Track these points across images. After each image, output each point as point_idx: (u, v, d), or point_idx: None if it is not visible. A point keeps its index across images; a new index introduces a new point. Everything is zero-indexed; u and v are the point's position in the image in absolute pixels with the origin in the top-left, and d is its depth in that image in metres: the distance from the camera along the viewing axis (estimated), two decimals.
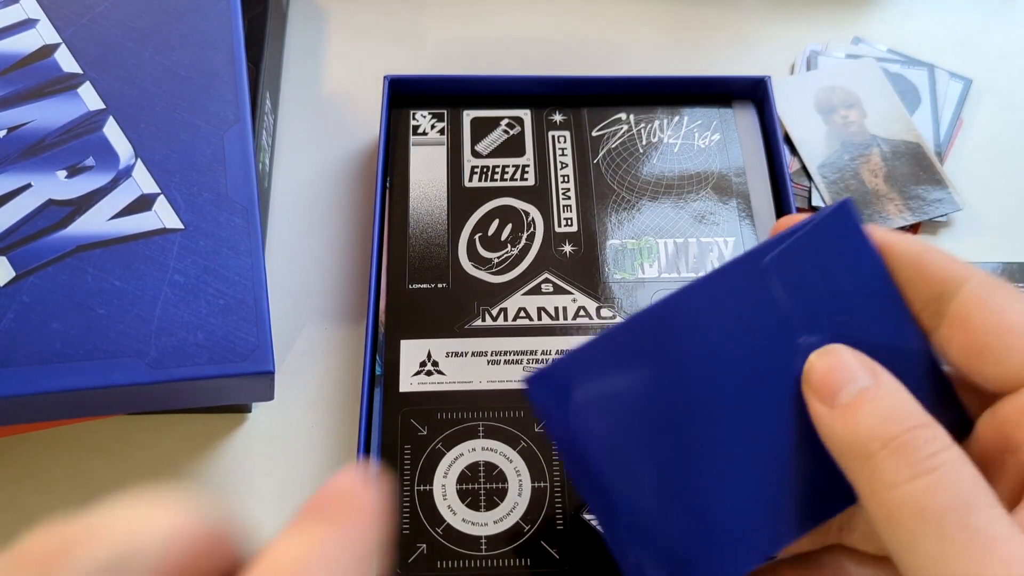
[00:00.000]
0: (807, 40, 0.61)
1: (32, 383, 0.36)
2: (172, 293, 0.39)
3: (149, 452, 0.46)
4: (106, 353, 0.37)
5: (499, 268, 0.48)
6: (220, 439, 0.46)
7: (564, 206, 0.50)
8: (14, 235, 0.39)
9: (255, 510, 0.45)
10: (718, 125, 0.53)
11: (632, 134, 0.53)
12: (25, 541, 0.13)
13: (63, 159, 0.40)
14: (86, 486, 0.45)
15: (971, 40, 0.62)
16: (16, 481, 0.45)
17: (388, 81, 0.52)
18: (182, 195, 0.41)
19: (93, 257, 0.39)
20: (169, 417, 0.47)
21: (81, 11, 0.43)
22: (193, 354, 0.38)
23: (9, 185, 0.39)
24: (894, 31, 0.62)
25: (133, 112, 0.42)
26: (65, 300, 0.38)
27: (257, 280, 0.40)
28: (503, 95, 0.54)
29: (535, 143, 0.52)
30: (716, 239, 0.49)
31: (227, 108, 0.43)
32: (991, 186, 0.56)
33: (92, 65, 0.42)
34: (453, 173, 0.51)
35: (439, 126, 0.52)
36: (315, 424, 0.47)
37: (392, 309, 0.47)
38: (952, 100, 0.59)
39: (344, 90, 0.58)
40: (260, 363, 0.38)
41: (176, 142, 0.42)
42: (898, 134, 0.56)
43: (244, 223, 0.41)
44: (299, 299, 0.51)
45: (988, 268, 0.52)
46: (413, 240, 0.49)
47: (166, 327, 0.38)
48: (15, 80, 0.41)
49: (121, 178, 0.40)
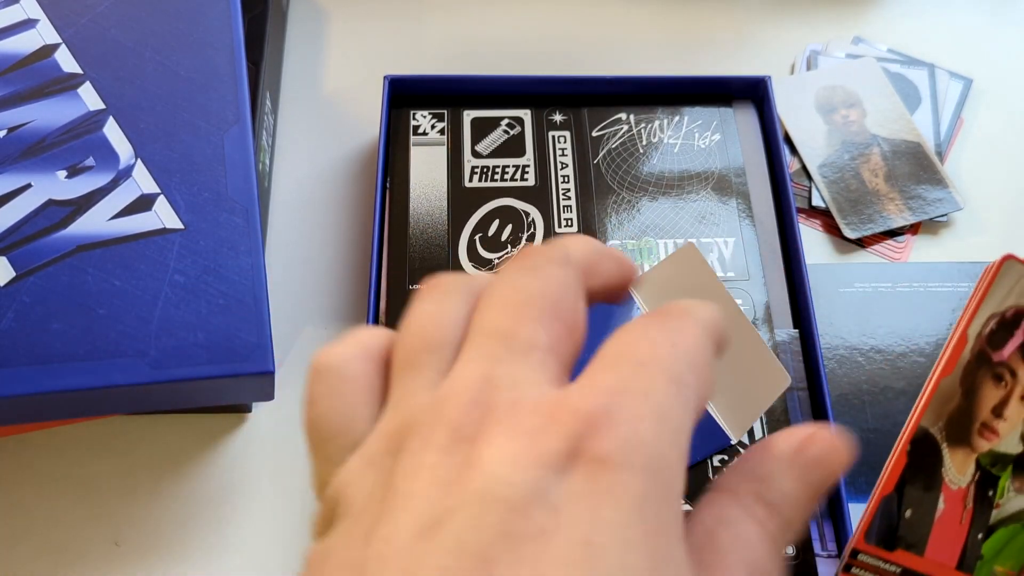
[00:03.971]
0: (807, 40, 0.61)
1: (32, 383, 0.36)
2: (172, 293, 0.39)
3: (149, 452, 0.46)
4: (106, 353, 0.37)
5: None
6: (220, 439, 0.46)
7: (564, 206, 0.50)
8: (14, 235, 0.39)
9: (255, 510, 0.45)
10: (718, 125, 0.53)
11: (632, 134, 0.53)
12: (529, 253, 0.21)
13: (63, 159, 0.40)
14: (86, 486, 0.45)
15: (971, 40, 0.62)
16: (16, 481, 0.45)
17: (388, 81, 0.52)
18: (182, 195, 0.41)
19: (93, 257, 0.39)
20: (169, 417, 0.47)
21: (81, 11, 0.43)
22: (193, 354, 0.38)
23: (9, 185, 0.39)
24: (894, 31, 0.62)
25: (133, 112, 0.42)
26: (65, 300, 0.38)
27: (257, 280, 0.40)
28: (503, 95, 0.54)
29: (535, 143, 0.52)
30: (716, 239, 0.49)
31: (227, 108, 0.43)
32: (991, 186, 0.56)
33: (92, 65, 0.42)
34: (453, 173, 0.51)
35: (439, 126, 0.52)
36: None
37: (392, 309, 0.46)
38: (952, 100, 0.58)
39: (344, 90, 0.58)
40: (260, 363, 0.38)
41: (176, 142, 0.42)
42: (898, 134, 0.56)
43: (244, 223, 0.41)
44: (299, 299, 0.51)
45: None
46: (413, 240, 0.49)
47: (166, 327, 0.38)
48: (15, 80, 0.41)
49: (121, 178, 0.40)
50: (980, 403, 0.25)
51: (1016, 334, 0.25)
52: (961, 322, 0.25)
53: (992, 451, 0.25)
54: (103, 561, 0.43)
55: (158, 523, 0.44)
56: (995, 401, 0.25)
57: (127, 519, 0.44)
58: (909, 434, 0.25)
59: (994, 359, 0.25)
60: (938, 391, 0.25)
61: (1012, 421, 0.25)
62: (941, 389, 0.25)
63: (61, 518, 0.44)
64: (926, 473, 0.25)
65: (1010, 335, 0.25)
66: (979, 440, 0.25)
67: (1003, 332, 0.25)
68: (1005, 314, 0.25)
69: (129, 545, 0.44)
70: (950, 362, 0.25)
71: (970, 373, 0.25)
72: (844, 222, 0.53)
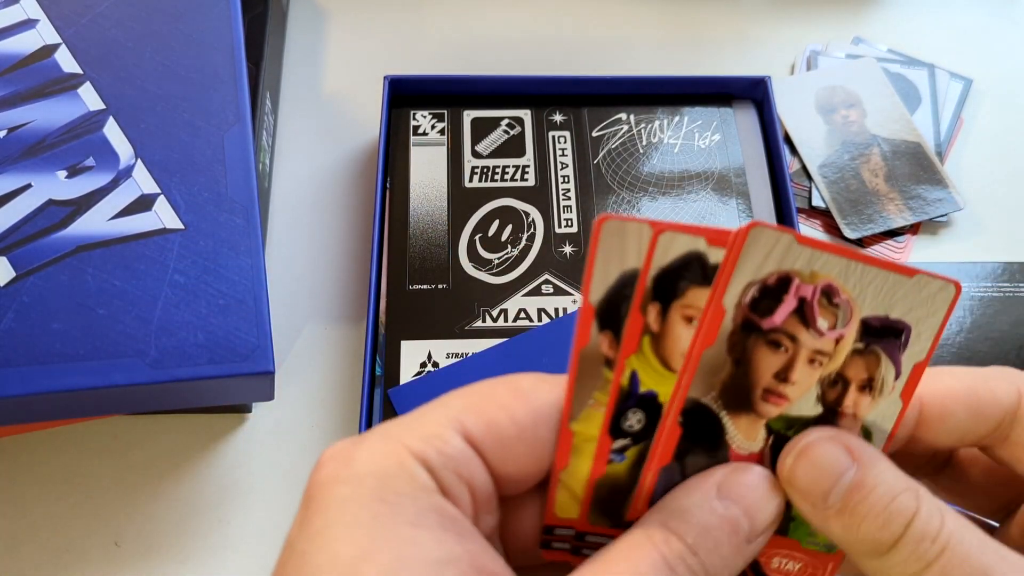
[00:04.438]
0: (807, 40, 0.61)
1: (32, 383, 0.36)
2: (172, 293, 0.39)
3: (149, 452, 0.46)
4: (106, 353, 0.37)
5: (499, 269, 0.48)
6: (220, 439, 0.46)
7: (564, 206, 0.50)
8: (14, 235, 0.39)
9: (255, 510, 0.45)
10: (718, 125, 0.53)
11: (632, 134, 0.53)
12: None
13: (63, 159, 0.40)
14: (86, 486, 0.45)
15: (971, 40, 0.62)
16: (16, 481, 0.45)
17: (388, 81, 0.52)
18: (182, 195, 0.41)
19: (93, 257, 0.39)
20: (169, 417, 0.47)
21: (81, 11, 0.43)
22: (193, 354, 0.38)
23: (9, 185, 0.39)
24: (894, 31, 0.62)
25: (133, 112, 0.42)
26: (65, 300, 0.38)
27: (257, 280, 0.40)
28: (503, 95, 0.54)
29: (535, 143, 0.52)
30: None
31: (227, 108, 0.43)
32: (991, 186, 0.56)
33: (92, 65, 0.42)
34: (453, 173, 0.51)
35: (439, 126, 0.52)
36: (315, 424, 0.47)
37: (392, 310, 0.46)
38: (952, 100, 0.58)
39: (344, 90, 0.58)
40: (260, 363, 0.38)
41: (176, 142, 0.42)
42: (898, 134, 0.56)
43: (244, 223, 0.41)
44: (299, 299, 0.51)
45: (988, 268, 0.52)
46: (413, 241, 0.49)
47: (166, 327, 0.38)
48: (15, 80, 0.41)
49: (121, 178, 0.40)
50: (757, 370, 0.25)
51: (785, 299, 0.24)
52: (714, 294, 0.24)
53: (784, 415, 0.25)
54: (103, 561, 0.43)
55: (158, 523, 0.44)
56: (777, 367, 0.25)
57: (127, 519, 0.44)
58: (678, 405, 0.25)
59: (764, 326, 0.25)
60: (702, 362, 0.25)
61: (803, 384, 0.25)
62: (706, 360, 0.25)
63: (61, 518, 0.44)
64: (707, 441, 0.25)
65: (778, 301, 0.24)
66: (765, 406, 0.25)
67: (769, 299, 0.24)
68: (766, 281, 0.24)
69: (129, 545, 0.44)
70: (709, 333, 0.24)
71: (737, 343, 0.25)
72: (844, 222, 0.53)
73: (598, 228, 0.23)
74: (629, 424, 0.25)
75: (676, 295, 0.24)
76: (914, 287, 0.25)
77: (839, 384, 0.25)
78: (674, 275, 0.24)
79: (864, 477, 0.24)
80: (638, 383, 0.25)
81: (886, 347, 0.26)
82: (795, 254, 0.24)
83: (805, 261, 0.24)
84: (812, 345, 0.25)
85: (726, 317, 0.24)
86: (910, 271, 0.25)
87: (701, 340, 0.24)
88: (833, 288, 0.25)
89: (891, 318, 0.26)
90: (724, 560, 0.23)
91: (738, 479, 0.24)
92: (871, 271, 0.25)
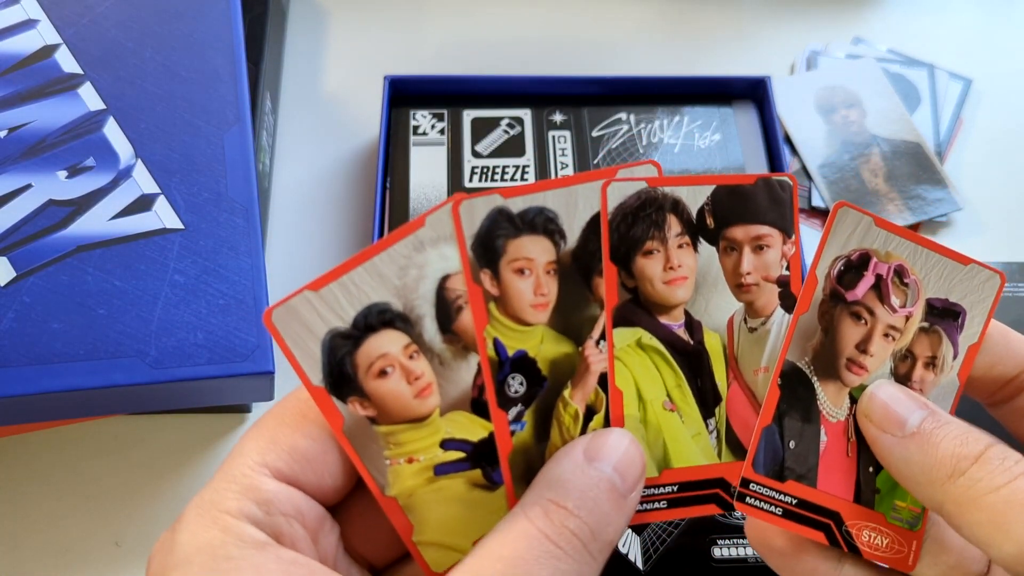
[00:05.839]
0: (807, 40, 0.61)
1: (32, 383, 0.36)
2: (172, 293, 0.39)
3: (149, 452, 0.46)
4: (106, 353, 0.37)
5: None
6: (220, 439, 0.46)
7: None
8: (14, 235, 0.39)
9: None
10: (718, 125, 0.53)
11: (632, 134, 0.53)
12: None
13: (63, 159, 0.40)
14: (86, 486, 0.45)
15: (971, 40, 0.62)
16: (16, 481, 0.45)
17: (388, 81, 0.52)
18: (182, 195, 0.41)
19: (93, 257, 0.39)
20: (169, 417, 0.47)
21: (81, 11, 0.43)
22: (193, 354, 0.38)
23: (10, 185, 0.39)
24: (894, 31, 0.62)
25: (133, 112, 0.42)
26: (65, 300, 0.38)
27: (257, 280, 0.40)
28: (503, 95, 0.54)
29: (535, 143, 0.52)
30: None
31: (227, 108, 0.43)
32: (991, 186, 0.56)
33: (92, 65, 0.42)
34: (453, 173, 0.51)
35: (439, 126, 0.52)
36: None
37: None
38: (952, 100, 0.59)
39: (344, 90, 0.58)
40: (260, 363, 0.38)
41: (176, 142, 0.42)
42: (898, 134, 0.56)
43: (244, 223, 0.41)
44: None
45: None
46: None
47: (166, 327, 0.38)
48: (16, 80, 0.41)
49: (121, 178, 0.40)
50: (842, 339, 0.27)
51: (865, 275, 0.27)
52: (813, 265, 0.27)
53: (864, 385, 0.28)
54: (103, 561, 0.43)
55: (158, 523, 0.44)
56: (858, 338, 0.27)
57: (127, 519, 0.44)
58: (778, 368, 0.27)
59: (848, 298, 0.27)
60: (798, 327, 0.27)
61: (879, 356, 0.27)
62: (801, 325, 0.27)
63: (61, 518, 0.44)
64: (802, 404, 0.27)
65: (860, 276, 0.27)
66: (848, 375, 0.28)
67: (852, 273, 0.27)
68: (850, 257, 0.27)
69: (129, 545, 0.44)
70: (803, 300, 0.27)
71: (827, 311, 0.27)
72: None
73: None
74: (514, 390, 0.26)
75: (500, 254, 0.25)
76: (968, 274, 0.28)
77: (908, 359, 0.28)
78: (488, 237, 0.25)
79: (939, 415, 0.26)
80: (504, 348, 0.26)
81: (946, 328, 0.28)
82: (873, 235, 0.27)
83: (882, 242, 0.27)
84: (887, 320, 0.27)
85: (818, 287, 0.27)
86: (965, 259, 0.28)
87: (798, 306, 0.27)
88: (904, 269, 0.27)
89: (951, 301, 0.28)
90: (606, 517, 0.24)
91: (602, 441, 0.26)
92: (934, 256, 0.28)
